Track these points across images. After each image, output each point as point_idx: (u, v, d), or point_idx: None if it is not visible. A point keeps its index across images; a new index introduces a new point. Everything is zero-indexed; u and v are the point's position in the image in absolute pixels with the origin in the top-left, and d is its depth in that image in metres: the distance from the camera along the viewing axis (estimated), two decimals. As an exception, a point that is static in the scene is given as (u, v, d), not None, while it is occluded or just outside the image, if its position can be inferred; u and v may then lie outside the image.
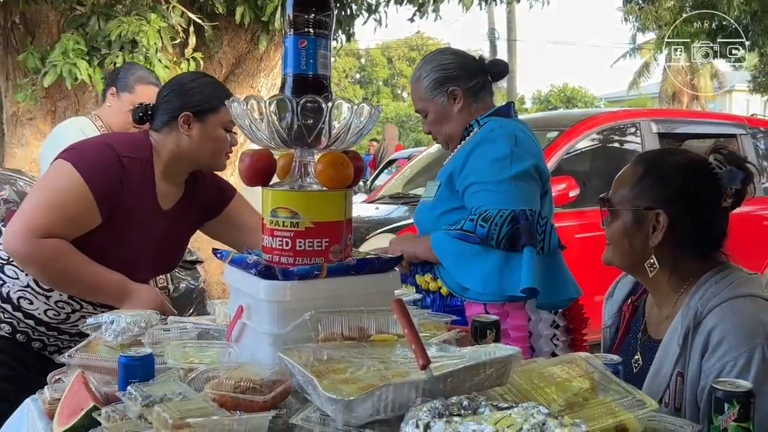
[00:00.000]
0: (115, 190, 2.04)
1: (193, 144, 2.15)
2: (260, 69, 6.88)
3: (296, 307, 1.44)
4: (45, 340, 2.15)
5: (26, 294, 2.10)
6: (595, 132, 5.51)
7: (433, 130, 2.34)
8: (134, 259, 2.15)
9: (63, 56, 5.47)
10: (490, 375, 1.24)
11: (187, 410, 1.23)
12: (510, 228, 2.00)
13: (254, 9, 6.00)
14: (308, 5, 1.52)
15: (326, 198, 1.53)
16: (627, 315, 1.84)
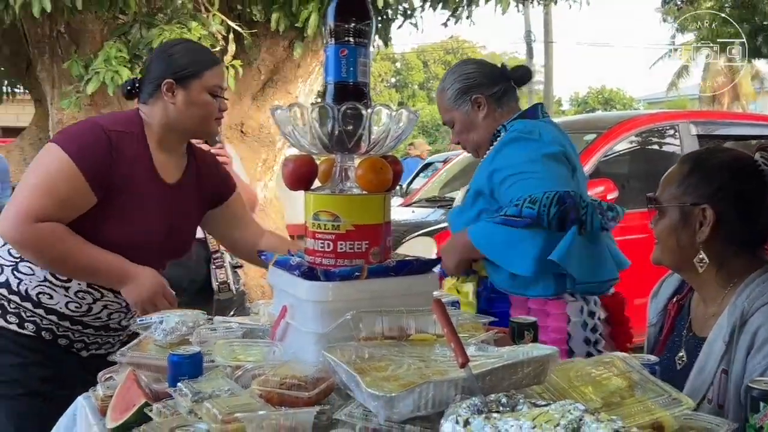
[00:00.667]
0: (107, 167, 1.99)
1: (178, 112, 2.09)
2: (297, 75, 6.95)
3: (338, 307, 1.47)
4: (71, 335, 2.11)
5: (44, 288, 2.05)
6: (633, 134, 5.46)
7: (461, 140, 2.37)
8: (143, 242, 2.09)
9: (106, 64, 5.57)
10: (528, 374, 1.27)
11: (235, 406, 1.28)
12: (558, 208, 2.00)
13: (289, 16, 6.07)
14: (348, 16, 1.56)
15: (366, 201, 1.57)
16: (672, 313, 1.85)
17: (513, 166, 2.12)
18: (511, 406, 1.14)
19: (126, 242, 2.05)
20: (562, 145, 2.22)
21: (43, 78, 6.70)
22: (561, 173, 2.12)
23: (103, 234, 2.02)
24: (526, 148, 2.13)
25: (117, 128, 2.05)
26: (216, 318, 1.91)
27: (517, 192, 2.08)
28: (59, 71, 6.41)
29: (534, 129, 2.18)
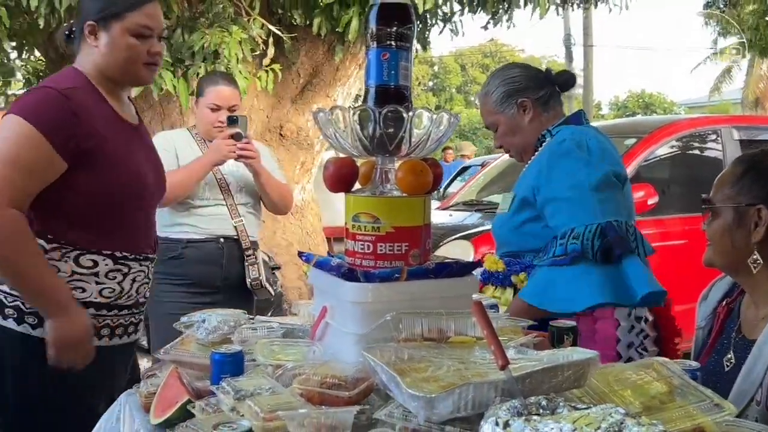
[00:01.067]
0: (71, 126, 1.90)
1: (102, 56, 1.99)
2: (336, 78, 6.99)
3: (377, 309, 1.48)
4: (110, 323, 2.05)
5: (75, 283, 1.97)
6: (674, 139, 5.40)
7: (505, 143, 2.35)
8: (139, 186, 2.05)
9: (149, 68, 5.64)
10: (568, 377, 1.27)
11: (277, 404, 1.30)
12: (601, 241, 2.00)
13: (330, 20, 6.11)
14: (391, 19, 1.56)
15: (406, 204, 1.58)
16: (721, 316, 1.84)
17: (558, 190, 2.11)
18: (551, 409, 1.14)
19: (126, 192, 2.01)
20: (611, 160, 2.18)
21: (88, 81, 6.82)
22: (607, 202, 2.08)
23: (101, 194, 1.96)
24: (573, 168, 2.10)
25: (67, 85, 1.94)
26: (257, 318, 1.93)
27: (560, 220, 2.09)
28: (103, 74, 6.51)
29: (582, 140, 2.15)
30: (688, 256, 4.78)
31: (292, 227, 7.17)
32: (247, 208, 3.15)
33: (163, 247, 2.99)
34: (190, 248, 3.03)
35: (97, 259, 1.99)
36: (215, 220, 3.06)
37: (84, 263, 1.97)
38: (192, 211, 3.05)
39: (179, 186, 2.90)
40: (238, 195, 3.12)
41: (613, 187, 2.12)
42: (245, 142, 2.97)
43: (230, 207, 3.08)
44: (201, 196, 3.04)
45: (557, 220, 2.10)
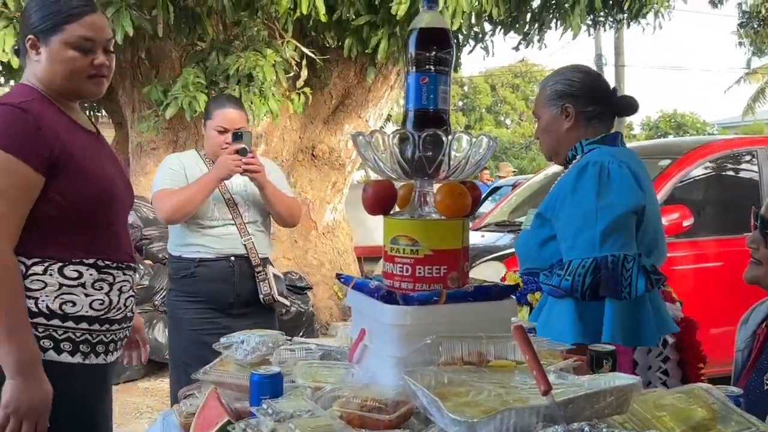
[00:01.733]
0: (37, 139, 1.83)
1: (44, 70, 1.91)
2: (368, 99, 7.04)
3: (416, 331, 1.47)
4: (103, 338, 1.97)
5: (64, 296, 1.89)
6: (709, 160, 5.35)
7: (541, 138, 2.34)
8: (111, 193, 1.99)
9: (184, 89, 5.74)
10: (611, 403, 1.25)
11: (317, 426, 1.30)
12: (593, 278, 2.00)
13: (360, 42, 6.16)
14: (430, 44, 1.57)
15: (445, 227, 1.57)
16: (761, 337, 1.83)
17: (568, 217, 2.10)
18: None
19: (99, 199, 1.95)
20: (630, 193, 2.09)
21: (124, 102, 6.96)
22: (612, 232, 2.03)
23: (75, 203, 1.90)
24: (587, 197, 2.07)
25: (23, 99, 1.86)
26: (294, 339, 1.94)
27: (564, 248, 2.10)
28: (139, 96, 6.64)
29: (606, 166, 2.08)
30: (724, 278, 4.72)
31: (323, 247, 7.20)
32: (256, 226, 3.21)
33: (177, 266, 3.17)
34: (202, 267, 3.10)
35: (81, 269, 1.92)
36: (225, 239, 3.12)
37: (69, 274, 1.90)
38: (202, 231, 3.11)
39: (188, 202, 2.99)
40: (247, 214, 3.18)
41: (623, 221, 2.06)
42: (250, 156, 3.02)
43: (239, 226, 3.14)
44: (210, 216, 3.11)
45: (563, 247, 2.11)
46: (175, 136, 6.72)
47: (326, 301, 6.86)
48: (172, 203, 3.01)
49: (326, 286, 6.92)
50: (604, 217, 2.03)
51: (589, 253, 2.02)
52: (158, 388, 5.48)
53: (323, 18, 5.45)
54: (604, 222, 2.02)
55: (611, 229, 2.02)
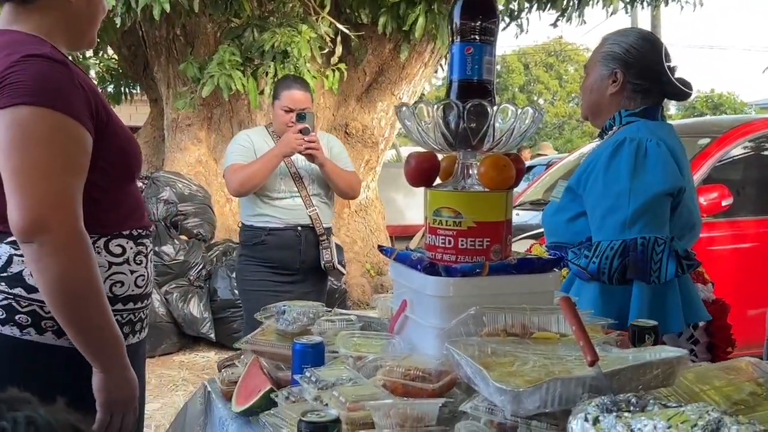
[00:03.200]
0: (83, 97, 1.60)
1: (79, 10, 1.70)
2: (402, 77, 7.01)
3: (458, 303, 1.48)
4: (142, 315, 1.80)
5: (114, 277, 1.69)
6: (749, 139, 5.25)
7: (584, 93, 2.27)
8: (137, 156, 1.83)
9: (219, 67, 5.76)
10: (657, 375, 1.25)
11: (361, 394, 1.31)
12: (620, 261, 1.95)
13: (396, 19, 6.13)
14: (475, 13, 1.56)
15: (488, 199, 1.57)
16: None
17: (599, 195, 2.04)
18: (641, 407, 1.12)
19: (132, 163, 1.78)
20: (665, 175, 2.02)
21: (159, 79, 7.00)
22: (641, 221, 1.97)
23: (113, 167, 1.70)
24: (620, 175, 2.01)
25: (47, 48, 1.59)
26: (334, 310, 1.95)
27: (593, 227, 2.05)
28: (175, 72, 6.68)
29: (644, 143, 2.02)
30: (761, 259, 4.66)
31: (356, 224, 7.22)
32: (320, 198, 3.47)
33: (248, 234, 3.44)
34: (271, 236, 3.38)
35: (122, 242, 1.71)
36: (292, 210, 3.40)
37: (114, 250, 1.69)
38: (271, 203, 3.39)
39: (255, 175, 3.27)
40: (311, 187, 3.44)
41: (655, 202, 2.00)
42: (312, 136, 3.26)
43: (304, 198, 3.41)
44: (278, 189, 3.38)
45: (592, 226, 2.06)
46: (209, 113, 6.76)
47: (358, 278, 6.88)
48: (239, 177, 3.27)
49: (359, 264, 6.95)
50: (636, 197, 1.97)
51: (618, 235, 1.97)
52: (193, 361, 5.56)
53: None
54: (636, 203, 1.97)
55: (643, 210, 1.97)
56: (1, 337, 1.59)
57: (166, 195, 6.10)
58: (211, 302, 5.73)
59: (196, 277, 5.84)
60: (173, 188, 6.15)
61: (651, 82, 2.14)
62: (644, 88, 2.14)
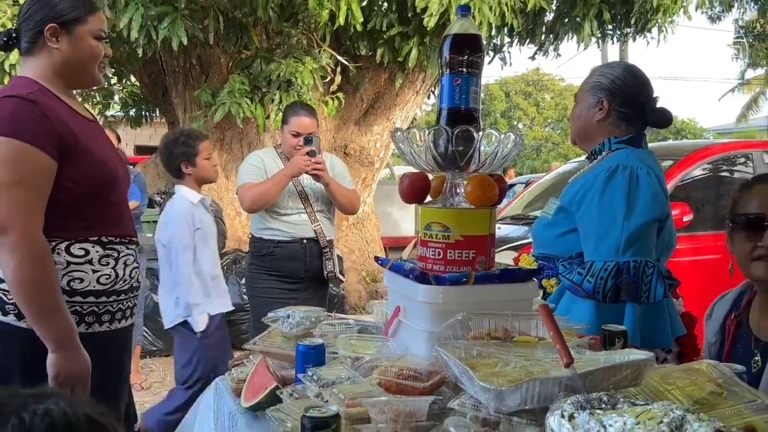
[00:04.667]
0: (47, 127, 1.75)
1: (64, 57, 1.86)
2: (396, 103, 7.03)
3: (447, 309, 1.47)
4: (110, 308, 1.91)
5: (72, 274, 1.83)
6: (707, 162, 5.30)
7: (573, 120, 2.24)
8: (114, 173, 1.93)
9: (230, 95, 5.78)
10: (626, 376, 1.25)
11: (359, 392, 1.31)
12: (614, 282, 1.93)
13: (392, 51, 6.16)
14: (463, 49, 1.57)
15: (474, 215, 1.57)
16: (732, 329, 1.79)
17: (595, 218, 2.00)
18: (612, 404, 1.12)
19: (102, 180, 1.88)
20: (655, 203, 2.00)
21: (177, 104, 7.00)
22: (632, 245, 1.95)
23: (81, 185, 1.83)
24: (615, 204, 1.98)
25: (28, 91, 1.78)
26: (334, 314, 1.95)
27: (587, 248, 2.01)
28: (190, 98, 6.68)
29: (635, 172, 2.00)
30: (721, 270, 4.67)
31: (353, 236, 7.21)
32: (323, 214, 3.47)
33: (258, 246, 3.45)
34: (279, 248, 3.40)
35: (87, 246, 1.85)
36: (298, 225, 3.41)
37: (75, 252, 1.83)
38: (279, 218, 3.40)
39: (266, 194, 3.28)
40: (316, 204, 3.44)
41: (647, 229, 1.99)
42: (318, 158, 3.27)
43: (310, 214, 3.42)
44: (285, 205, 3.38)
45: (585, 246, 2.03)
46: (221, 135, 6.76)
47: (355, 285, 6.86)
48: (252, 195, 3.29)
49: (355, 272, 6.93)
50: (629, 224, 1.95)
51: (612, 257, 1.94)
52: (205, 360, 5.52)
53: (359, 27, 5.46)
54: (629, 229, 1.94)
55: (636, 236, 1.95)
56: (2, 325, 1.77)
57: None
58: (222, 306, 5.70)
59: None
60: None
61: (634, 111, 2.12)
62: (628, 116, 2.12)
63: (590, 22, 6.19)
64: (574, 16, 6.27)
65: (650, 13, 6.33)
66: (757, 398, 1.24)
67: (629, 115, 2.12)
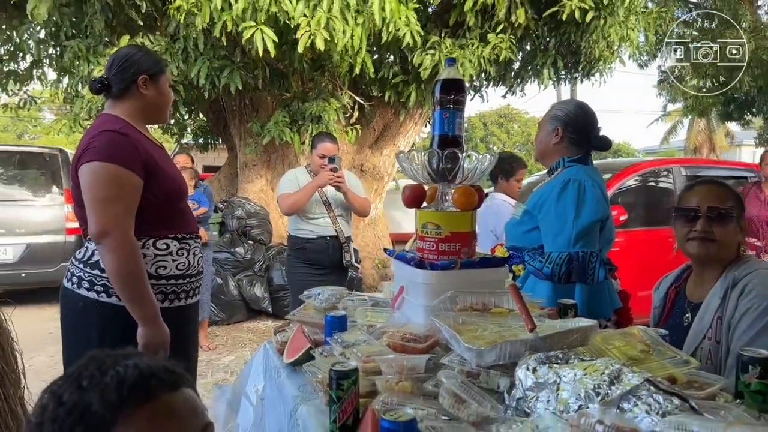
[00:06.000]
0: (136, 153, 1.75)
1: (151, 100, 1.87)
2: (400, 133, 7.02)
3: (439, 288, 1.47)
4: (185, 288, 1.90)
5: (158, 262, 1.82)
6: (638, 174, 5.26)
7: (536, 143, 2.23)
8: (182, 188, 1.93)
9: (275, 125, 5.78)
10: (576, 338, 1.24)
11: (372, 351, 1.30)
12: (567, 267, 1.92)
13: (396, 93, 6.17)
14: (450, 90, 1.56)
15: (459, 216, 1.57)
16: (672, 296, 1.78)
17: (552, 219, 1.98)
18: (566, 360, 1.12)
19: (175, 192, 1.88)
20: (598, 207, 1.98)
21: (234, 133, 7.02)
22: (580, 239, 1.93)
23: (161, 196, 1.82)
24: (567, 208, 1.96)
25: (119, 125, 1.79)
26: (353, 293, 1.94)
27: (546, 241, 1.99)
28: (244, 129, 6.70)
29: (583, 184, 1.98)
30: (648, 257, 4.65)
31: (368, 233, 7.20)
32: (342, 217, 3.44)
33: (294, 242, 3.43)
34: (309, 243, 3.37)
35: (167, 242, 1.85)
36: (323, 226, 3.38)
37: (160, 246, 1.82)
38: (308, 221, 3.37)
39: (299, 200, 3.27)
40: (336, 210, 3.41)
41: (591, 227, 1.97)
42: (339, 173, 3.28)
43: (332, 217, 3.39)
44: (314, 211, 3.36)
45: (545, 240, 2.01)
46: (268, 157, 6.77)
47: (370, 270, 6.85)
48: (288, 202, 3.29)
49: (370, 260, 6.92)
50: (578, 223, 1.93)
51: (565, 248, 1.93)
52: (257, 327, 5.53)
53: (372, 75, 5.46)
54: (578, 227, 1.93)
55: (583, 233, 1.93)
56: (88, 299, 1.76)
57: (239, 213, 6.09)
58: (269, 286, 5.71)
59: (259, 269, 5.82)
60: (243, 208, 6.14)
61: (583, 137, 2.10)
62: (578, 141, 2.10)
63: (548, 69, 6.16)
64: (536, 65, 6.25)
65: (593, 61, 6.29)
66: (677, 355, 1.23)
67: (578, 140, 2.10)
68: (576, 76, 6.68)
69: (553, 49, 6.18)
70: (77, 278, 1.78)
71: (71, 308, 1.81)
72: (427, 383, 1.20)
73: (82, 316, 1.77)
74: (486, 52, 5.49)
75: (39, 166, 6.39)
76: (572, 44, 6.13)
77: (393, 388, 1.18)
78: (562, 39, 6.07)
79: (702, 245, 1.64)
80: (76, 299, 1.77)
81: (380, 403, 1.10)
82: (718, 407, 1.01)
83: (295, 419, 1.36)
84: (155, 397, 0.71)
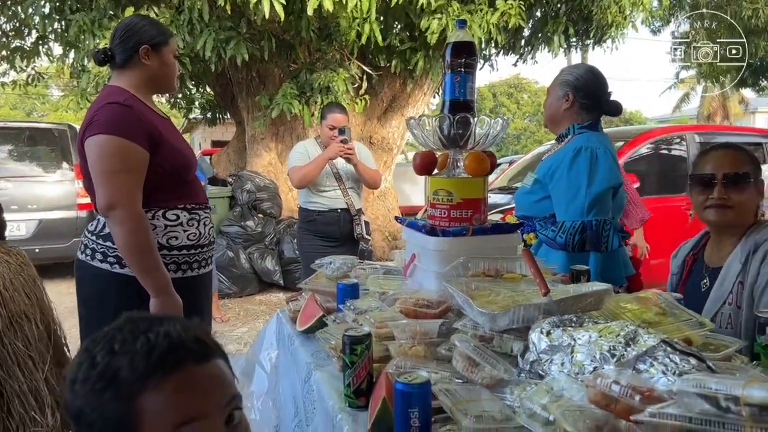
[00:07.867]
0: (141, 126, 1.72)
1: (153, 71, 1.84)
2: (408, 103, 6.94)
3: (451, 254, 1.47)
4: (198, 257, 1.88)
5: (169, 233, 1.80)
6: (650, 142, 5.19)
7: (545, 109, 2.18)
8: (191, 159, 1.90)
9: (283, 98, 5.73)
10: (590, 302, 1.23)
11: (385, 318, 1.31)
12: (581, 236, 1.89)
13: (403, 62, 6.08)
14: (461, 53, 1.53)
15: (471, 183, 1.55)
16: (690, 263, 1.77)
17: (564, 187, 1.95)
18: (580, 323, 1.11)
19: (182, 164, 1.85)
20: (611, 175, 1.95)
21: (242, 107, 6.98)
22: (593, 207, 1.90)
23: (168, 167, 1.79)
24: (580, 176, 1.92)
25: (123, 97, 1.76)
26: (365, 261, 1.94)
27: (558, 210, 1.96)
28: (252, 103, 6.65)
29: (595, 151, 1.94)
30: (660, 224, 4.61)
31: (378, 206, 7.19)
32: (353, 189, 3.41)
33: (305, 214, 3.40)
34: (320, 216, 3.35)
35: (177, 212, 1.82)
36: (334, 199, 3.36)
37: (170, 217, 1.80)
38: (319, 193, 3.35)
39: (309, 173, 3.23)
40: (347, 182, 3.38)
41: (604, 195, 1.94)
42: (349, 146, 3.23)
43: (342, 190, 3.36)
44: (324, 183, 3.33)
45: (557, 209, 1.98)
46: (276, 130, 6.74)
47: (380, 242, 6.86)
48: (299, 175, 3.26)
49: (380, 233, 6.93)
50: (591, 191, 1.90)
51: (578, 217, 1.90)
52: (268, 299, 5.58)
53: (381, 43, 5.38)
54: (591, 195, 1.90)
55: (596, 201, 1.90)
56: (102, 270, 1.76)
57: (249, 186, 6.09)
58: (280, 259, 5.74)
59: (269, 243, 5.85)
60: (253, 182, 6.14)
61: (593, 102, 2.05)
62: (588, 106, 2.05)
63: (559, 36, 6.04)
64: (546, 32, 6.13)
65: (605, 27, 6.15)
66: (692, 317, 1.22)
67: (589, 105, 2.05)
68: (587, 43, 6.55)
69: (564, 15, 6.04)
70: (90, 250, 1.79)
71: (86, 280, 1.82)
72: (441, 348, 1.20)
73: (96, 288, 1.79)
74: (495, 18, 5.38)
75: (48, 142, 6.41)
76: (583, 10, 5.99)
77: (406, 352, 1.19)
78: (573, 4, 5.93)
79: (719, 212, 1.61)
80: (90, 271, 1.79)
81: (394, 367, 1.11)
82: (733, 368, 1.00)
83: (309, 385, 1.37)
84: (183, 367, 0.71)
